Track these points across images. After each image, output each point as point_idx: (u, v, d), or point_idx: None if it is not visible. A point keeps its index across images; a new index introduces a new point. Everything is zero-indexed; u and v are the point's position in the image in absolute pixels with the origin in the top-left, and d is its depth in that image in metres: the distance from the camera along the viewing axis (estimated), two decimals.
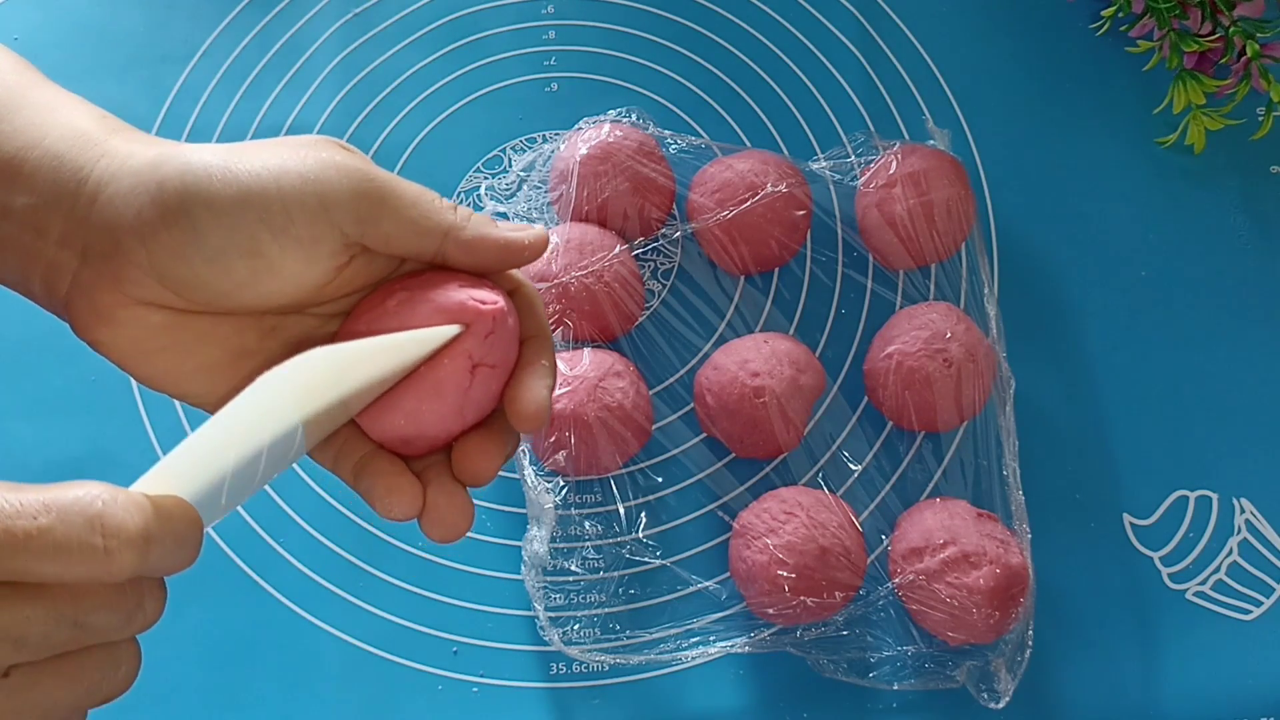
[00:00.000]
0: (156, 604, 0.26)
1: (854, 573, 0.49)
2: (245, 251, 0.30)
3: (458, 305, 0.31)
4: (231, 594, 0.53)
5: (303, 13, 0.64)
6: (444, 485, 0.32)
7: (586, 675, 0.52)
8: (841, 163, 0.58)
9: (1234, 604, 0.54)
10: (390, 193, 0.31)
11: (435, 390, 0.31)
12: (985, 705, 0.49)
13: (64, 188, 0.30)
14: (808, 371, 0.53)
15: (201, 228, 0.29)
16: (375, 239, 0.31)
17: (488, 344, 0.31)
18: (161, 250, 0.29)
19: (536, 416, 0.31)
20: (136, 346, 0.31)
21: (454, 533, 0.32)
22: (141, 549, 0.24)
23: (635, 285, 0.55)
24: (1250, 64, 0.59)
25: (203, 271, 0.30)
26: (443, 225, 0.32)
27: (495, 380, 0.32)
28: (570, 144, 0.57)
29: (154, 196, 0.29)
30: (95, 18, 0.63)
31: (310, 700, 0.51)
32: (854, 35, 0.64)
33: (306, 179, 0.30)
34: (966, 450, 0.55)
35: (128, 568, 0.24)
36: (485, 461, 0.32)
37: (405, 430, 0.31)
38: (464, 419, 0.32)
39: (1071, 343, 0.58)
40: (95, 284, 0.30)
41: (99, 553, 0.23)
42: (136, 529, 0.24)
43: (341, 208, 0.30)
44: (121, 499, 0.24)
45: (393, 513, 0.31)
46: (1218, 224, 0.61)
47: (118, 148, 0.30)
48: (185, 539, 0.26)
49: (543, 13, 0.64)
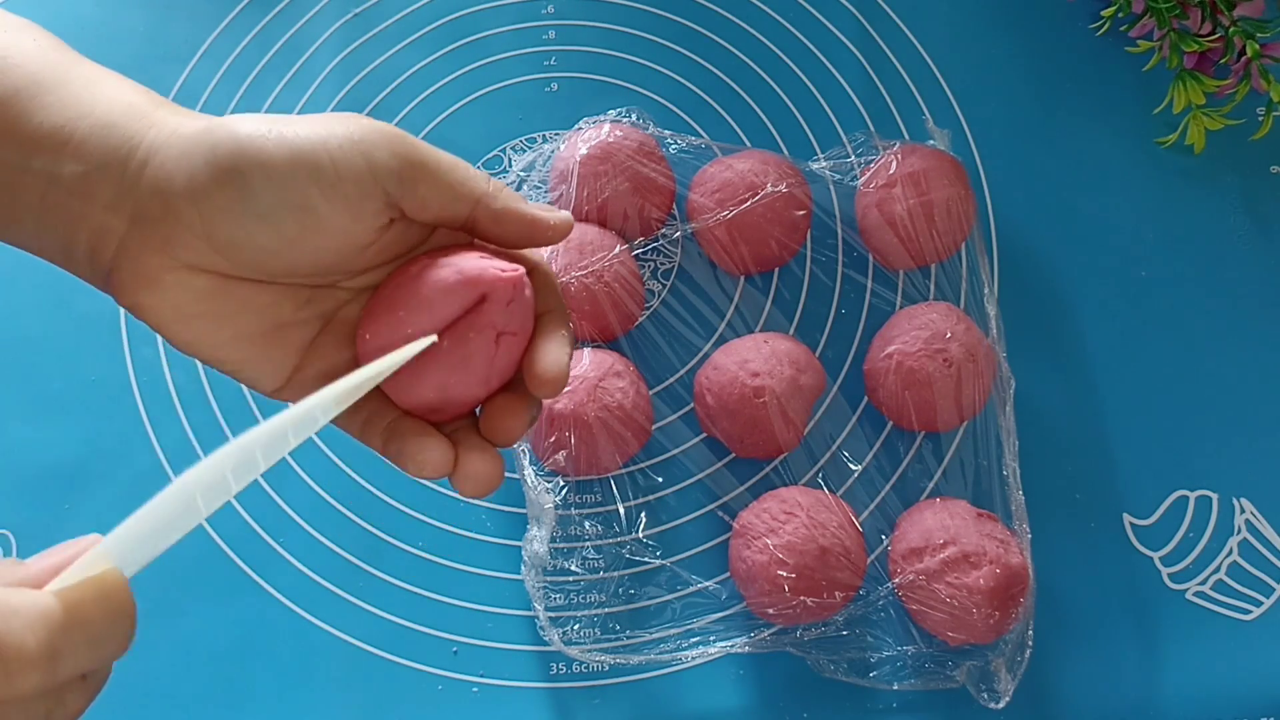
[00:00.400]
0: (80, 697, 0.25)
1: (854, 573, 0.49)
2: (296, 207, 0.31)
3: (478, 271, 0.32)
4: (231, 594, 0.53)
5: (303, 13, 0.64)
6: (474, 444, 0.33)
7: (586, 675, 0.52)
8: (841, 163, 0.58)
9: (1234, 604, 0.54)
10: (429, 157, 0.33)
11: (463, 361, 0.32)
12: (985, 705, 0.49)
13: (114, 155, 0.31)
14: (808, 371, 0.53)
15: (255, 186, 0.30)
16: (413, 201, 0.33)
17: (509, 311, 0.32)
18: (214, 210, 0.30)
19: (556, 380, 0.33)
20: (178, 311, 0.32)
21: (487, 486, 0.33)
22: (46, 668, 0.23)
23: (635, 285, 0.55)
24: (1250, 64, 0.59)
25: (254, 229, 0.31)
26: (475, 192, 0.33)
27: (517, 347, 0.33)
28: (570, 144, 0.57)
29: (206, 159, 0.30)
30: (95, 18, 0.63)
31: (310, 700, 0.51)
32: (854, 35, 0.64)
33: (354, 140, 0.31)
34: (966, 450, 0.55)
35: (31, 688, 0.23)
36: (512, 421, 0.33)
37: (434, 400, 0.33)
38: (490, 386, 0.33)
39: (1071, 343, 0.58)
40: (143, 248, 0.31)
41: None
42: (37, 649, 0.23)
43: (386, 169, 0.32)
44: (23, 613, 0.23)
45: (425, 470, 0.32)
46: (1218, 224, 0.61)
47: (166, 118, 0.32)
48: (107, 636, 0.24)
49: (543, 13, 0.64)
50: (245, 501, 0.54)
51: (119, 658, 0.25)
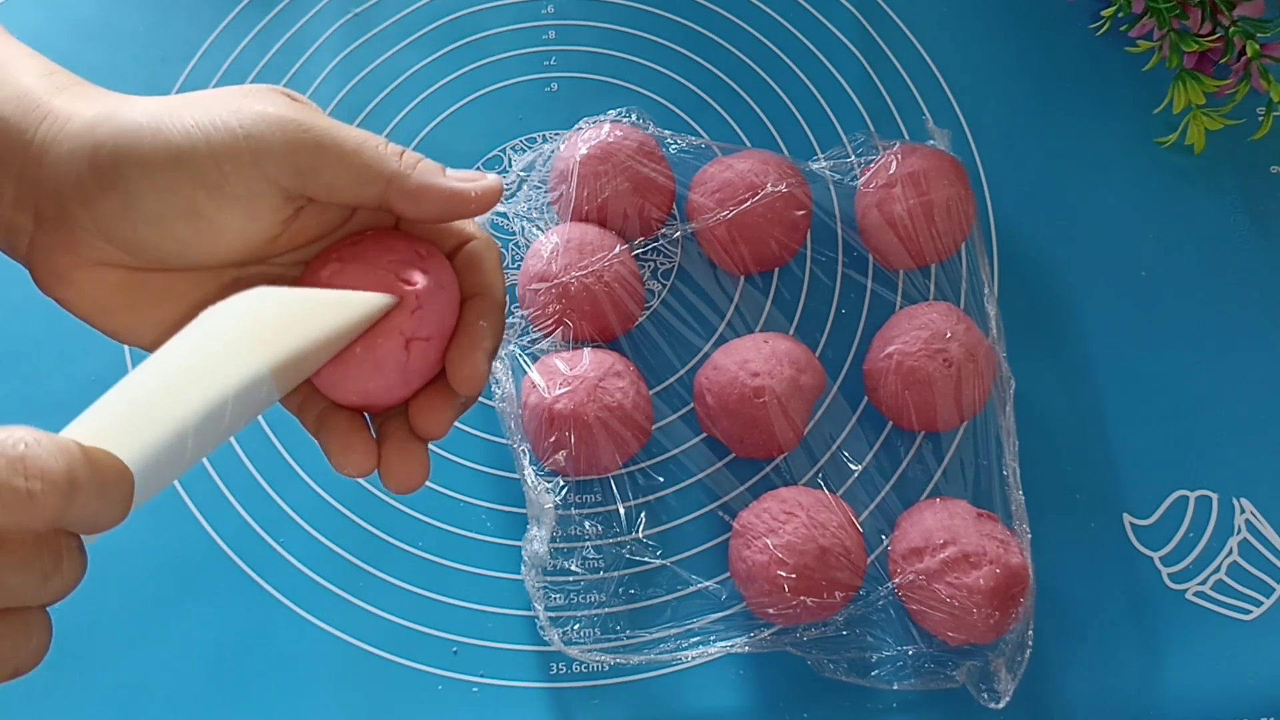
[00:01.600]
0: (75, 567, 0.25)
1: (854, 573, 0.49)
2: (183, 212, 0.30)
3: (383, 286, 0.32)
4: (231, 594, 0.53)
5: (303, 13, 0.64)
6: (400, 441, 0.33)
7: (586, 675, 0.52)
8: (841, 163, 0.58)
9: (1234, 604, 0.54)
10: (330, 141, 0.30)
11: (377, 368, 0.32)
12: (985, 705, 0.49)
13: (11, 151, 0.30)
14: (808, 371, 0.53)
15: (136, 191, 0.29)
16: (317, 189, 0.31)
17: (416, 319, 0.32)
18: (103, 214, 0.29)
19: (472, 382, 0.32)
20: (98, 305, 0.31)
21: (409, 485, 0.32)
22: (66, 493, 0.23)
23: (635, 285, 0.55)
24: (1250, 64, 0.59)
25: (146, 233, 0.30)
26: (385, 173, 0.31)
27: (433, 350, 0.33)
28: (570, 144, 0.57)
29: (90, 160, 0.29)
30: (95, 18, 0.63)
31: (310, 700, 0.51)
32: (854, 35, 0.64)
33: (238, 135, 0.29)
34: (966, 450, 0.55)
35: (50, 512, 0.23)
36: (435, 417, 0.33)
37: (356, 401, 0.33)
38: (410, 386, 0.33)
39: (1071, 343, 0.58)
40: (51, 246, 0.30)
41: (21, 495, 0.23)
42: (61, 472, 0.23)
43: (277, 161, 0.30)
44: (46, 442, 0.24)
45: (346, 469, 0.32)
46: (1218, 224, 0.61)
47: (60, 108, 0.30)
48: (112, 490, 0.25)
49: (543, 13, 0.64)
50: (245, 501, 0.54)
51: (115, 525, 0.25)
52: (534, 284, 0.54)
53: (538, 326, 0.54)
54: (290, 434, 0.56)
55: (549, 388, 0.51)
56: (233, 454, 0.55)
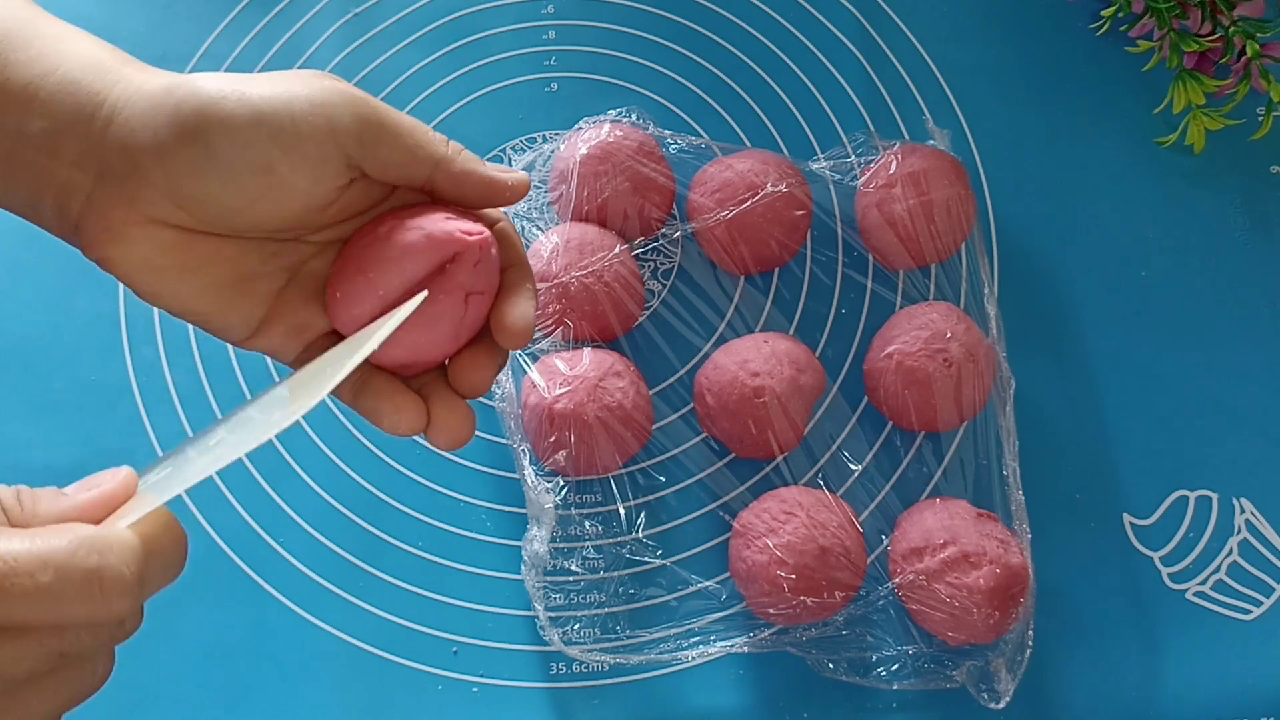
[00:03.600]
0: (136, 620, 0.27)
1: (854, 573, 0.49)
2: (258, 168, 0.31)
3: (445, 234, 0.33)
4: (231, 594, 0.53)
5: (303, 13, 0.64)
6: (445, 398, 0.34)
7: (586, 675, 0.52)
8: (841, 163, 0.58)
9: (1234, 604, 0.54)
10: (390, 120, 0.33)
11: (433, 321, 0.33)
12: (985, 705, 0.49)
13: (80, 112, 0.31)
14: (808, 371, 0.53)
15: (217, 146, 0.31)
16: (373, 163, 0.33)
17: (476, 272, 0.33)
18: (177, 168, 0.31)
19: (523, 333, 0.34)
20: (146, 263, 0.32)
21: (459, 439, 0.34)
22: (135, 593, 0.25)
23: (635, 285, 0.55)
24: (1250, 64, 0.59)
25: (216, 188, 0.31)
26: (435, 155, 0.34)
27: (484, 305, 0.34)
28: (570, 144, 0.57)
29: (170, 118, 0.31)
30: (95, 18, 0.63)
31: (310, 700, 0.51)
32: (854, 35, 0.64)
33: (315, 103, 0.32)
34: (966, 450, 0.55)
35: (123, 610, 0.25)
36: (480, 374, 0.35)
37: (405, 358, 0.34)
38: (459, 342, 0.34)
39: (1071, 343, 0.58)
40: (109, 202, 0.31)
41: (97, 602, 0.25)
42: (132, 575, 0.25)
43: (346, 130, 0.32)
44: (116, 547, 0.25)
45: (400, 429, 0.34)
46: (1218, 224, 0.61)
47: (131, 75, 0.32)
48: (172, 562, 0.27)
49: (543, 13, 0.64)
50: (245, 501, 0.54)
51: (176, 580, 0.27)
52: (535, 282, 0.54)
53: (538, 326, 0.54)
54: (290, 434, 0.56)
55: (549, 388, 0.51)
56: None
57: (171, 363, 0.56)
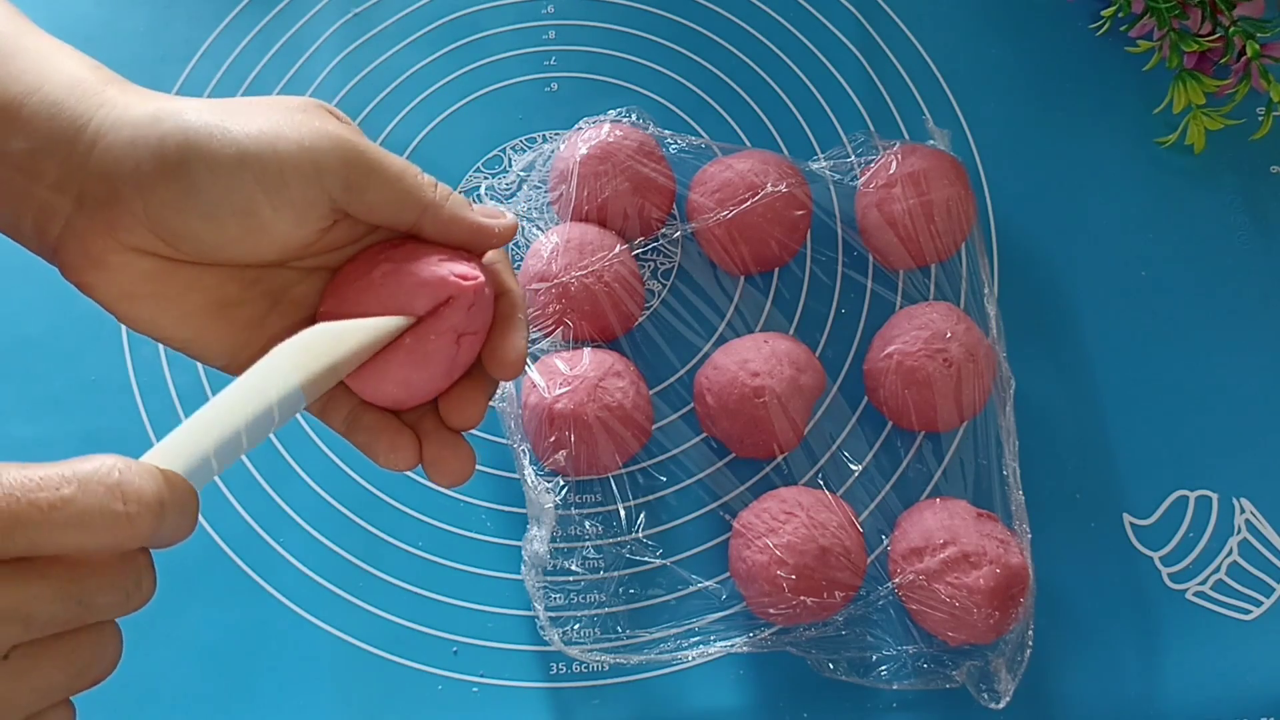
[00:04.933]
0: (150, 582, 0.27)
1: (854, 573, 0.49)
2: (240, 210, 0.31)
3: (439, 280, 0.33)
4: (231, 594, 0.53)
5: (303, 13, 0.64)
6: (440, 436, 0.34)
7: (586, 675, 0.52)
8: (841, 163, 0.58)
9: (1234, 604, 0.54)
10: (378, 164, 0.33)
11: (425, 362, 0.33)
12: (985, 705, 0.49)
13: (62, 134, 0.31)
14: (808, 371, 0.53)
15: (200, 184, 0.30)
16: (359, 207, 0.33)
17: (470, 315, 0.33)
18: (158, 203, 0.30)
19: (516, 364, 0.34)
20: (124, 291, 0.32)
21: (462, 477, 0.34)
22: (159, 514, 0.25)
23: (635, 285, 0.55)
24: (1250, 64, 0.59)
25: (197, 226, 0.31)
26: (422, 201, 0.34)
27: (477, 344, 0.34)
28: (570, 144, 0.57)
29: (154, 150, 0.30)
30: (96, 18, 0.63)
31: (310, 700, 0.51)
32: (854, 35, 0.64)
33: (302, 145, 0.31)
34: (966, 450, 0.55)
35: (147, 533, 0.25)
36: (472, 409, 0.34)
37: (398, 395, 0.34)
38: (451, 379, 0.34)
39: (1071, 343, 0.58)
40: (88, 229, 0.31)
41: (121, 518, 0.24)
42: (154, 495, 0.25)
43: (333, 175, 0.32)
44: (136, 467, 0.25)
45: (397, 466, 0.34)
46: (1218, 224, 0.61)
47: (115, 98, 0.31)
48: (188, 507, 0.27)
49: (543, 13, 0.64)
50: (245, 501, 0.54)
51: (188, 537, 0.27)
52: (534, 284, 0.54)
53: (538, 326, 0.54)
54: (290, 434, 0.56)
55: (549, 388, 0.51)
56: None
57: (171, 363, 0.56)
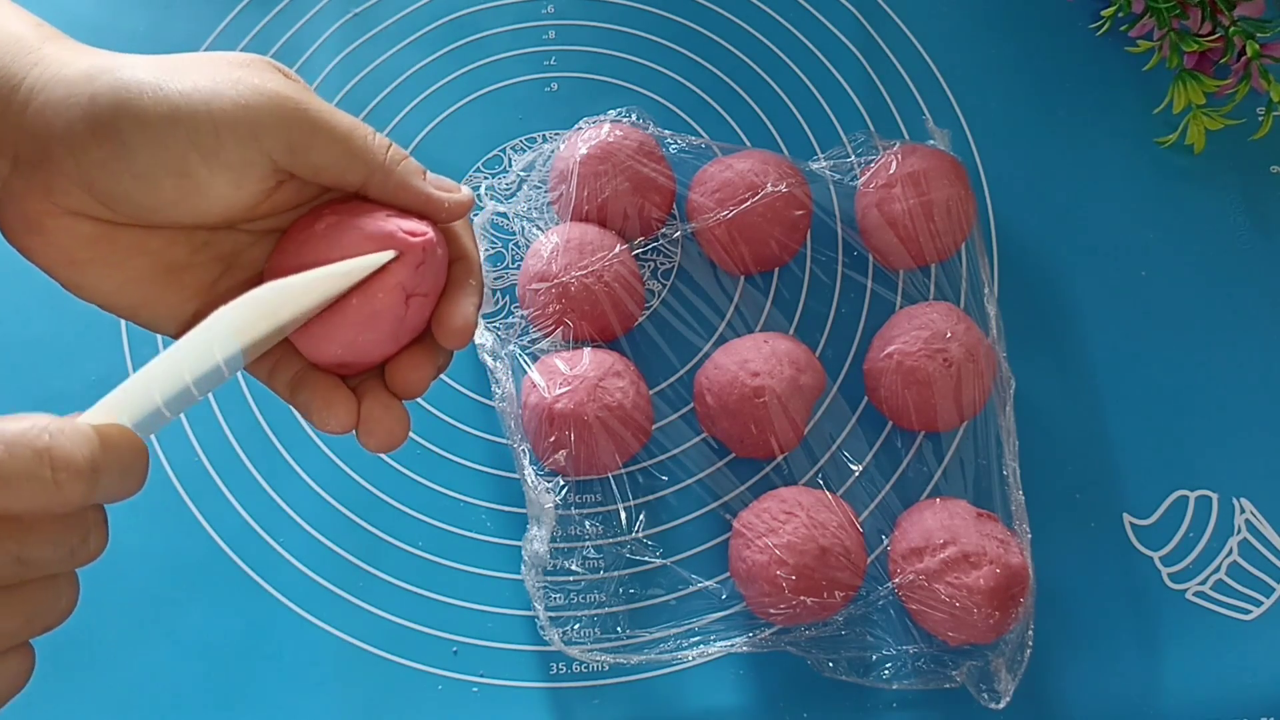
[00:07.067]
0: (100, 538, 0.26)
1: (854, 573, 0.49)
2: (173, 171, 0.30)
3: (386, 235, 0.32)
4: (231, 594, 0.53)
5: (303, 13, 0.64)
6: (379, 397, 0.33)
7: (586, 675, 0.52)
8: (841, 163, 0.58)
9: (1234, 604, 0.54)
10: (322, 124, 0.31)
11: (372, 321, 0.32)
12: (985, 705, 0.49)
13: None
14: (808, 371, 0.53)
15: (130, 145, 0.29)
16: (303, 168, 0.32)
17: (419, 274, 0.32)
18: (90, 164, 0.29)
19: (463, 332, 0.33)
20: (66, 256, 0.31)
21: (391, 441, 0.33)
22: (89, 479, 0.24)
23: (635, 285, 0.55)
24: (1250, 64, 0.59)
25: (131, 188, 0.30)
26: (370, 164, 0.32)
27: (427, 306, 0.33)
28: (570, 144, 0.57)
29: (85, 110, 0.29)
30: (95, 18, 0.63)
31: (310, 700, 0.51)
32: (854, 35, 0.64)
33: (239, 104, 0.30)
34: (966, 450, 0.55)
35: (76, 498, 0.24)
36: (417, 375, 0.33)
37: (343, 357, 0.33)
38: (399, 343, 0.33)
39: (1071, 343, 0.58)
40: (25, 192, 0.30)
41: (48, 484, 0.24)
42: (84, 459, 0.24)
43: (272, 136, 0.30)
44: (68, 430, 0.24)
45: (329, 425, 0.32)
46: (1218, 224, 0.61)
47: (52, 55, 0.30)
48: (131, 467, 0.26)
49: (543, 13, 0.64)
50: (245, 501, 0.54)
51: (135, 493, 0.27)
52: (534, 284, 0.54)
53: (538, 326, 0.54)
54: (290, 434, 0.56)
55: (549, 388, 0.51)
56: (233, 454, 0.55)
57: None
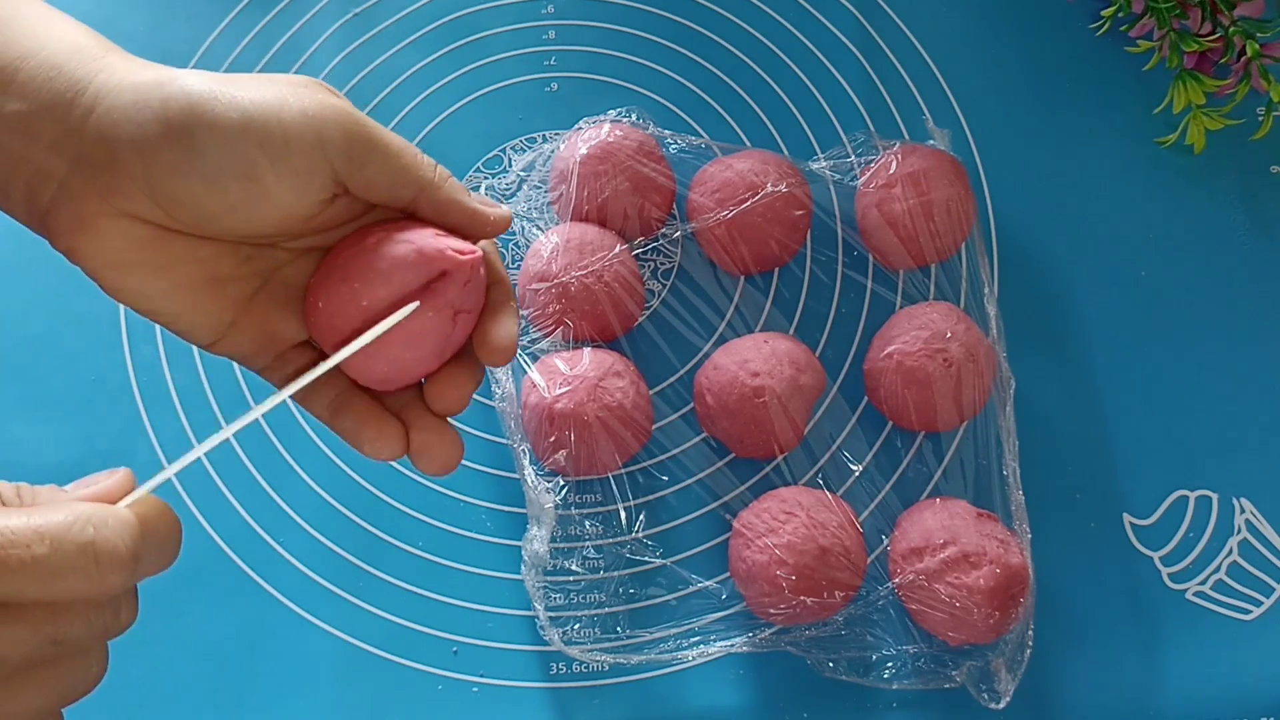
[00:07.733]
0: (131, 611, 0.27)
1: (854, 573, 0.49)
2: (242, 174, 0.31)
3: (437, 251, 0.33)
4: (231, 594, 0.53)
5: (303, 13, 0.64)
6: (428, 424, 0.34)
7: (586, 675, 0.52)
8: (841, 163, 0.58)
9: (1234, 604, 0.54)
10: (379, 140, 0.33)
11: (419, 338, 0.33)
12: (985, 705, 0.49)
13: (60, 96, 0.30)
14: (808, 371, 0.53)
15: (203, 147, 0.30)
16: (359, 181, 0.33)
17: (465, 291, 0.33)
18: (160, 166, 0.30)
19: (508, 350, 0.34)
20: (115, 258, 0.31)
21: (449, 465, 0.34)
22: (130, 569, 0.25)
23: (635, 285, 0.55)
24: (1250, 64, 0.59)
25: (198, 190, 0.31)
26: (421, 180, 0.34)
27: (470, 323, 0.34)
28: (570, 144, 0.57)
29: (157, 114, 0.30)
30: (95, 18, 0.63)
31: (310, 700, 0.51)
32: (854, 35, 0.64)
33: (306, 114, 0.31)
34: (966, 450, 0.55)
35: (117, 587, 0.25)
36: (458, 392, 0.34)
37: (388, 374, 0.33)
38: (441, 360, 0.34)
39: (1071, 343, 0.58)
40: (84, 192, 0.31)
41: (92, 577, 0.25)
42: (127, 550, 0.25)
43: (336, 146, 0.32)
44: (111, 522, 0.25)
45: (381, 455, 0.33)
46: (1218, 224, 0.61)
47: (116, 64, 0.31)
48: (167, 546, 0.27)
49: (543, 13, 0.64)
50: (245, 501, 0.54)
51: (170, 566, 0.28)
52: (534, 284, 0.54)
53: (538, 326, 0.54)
54: (290, 434, 0.56)
55: (549, 387, 0.51)
56: (233, 454, 0.55)
57: (171, 363, 0.56)
